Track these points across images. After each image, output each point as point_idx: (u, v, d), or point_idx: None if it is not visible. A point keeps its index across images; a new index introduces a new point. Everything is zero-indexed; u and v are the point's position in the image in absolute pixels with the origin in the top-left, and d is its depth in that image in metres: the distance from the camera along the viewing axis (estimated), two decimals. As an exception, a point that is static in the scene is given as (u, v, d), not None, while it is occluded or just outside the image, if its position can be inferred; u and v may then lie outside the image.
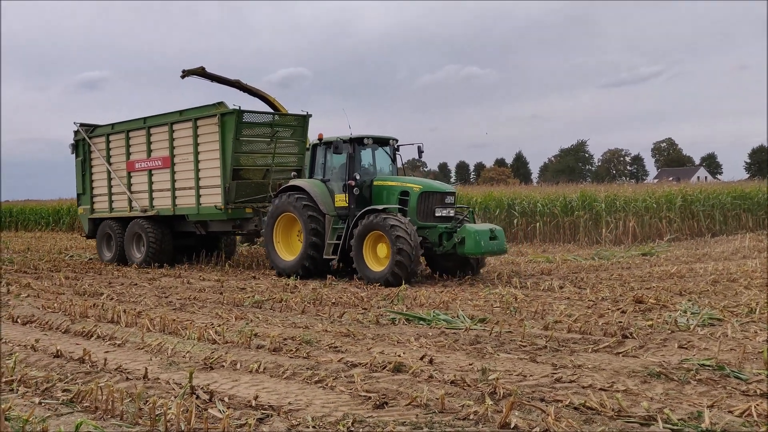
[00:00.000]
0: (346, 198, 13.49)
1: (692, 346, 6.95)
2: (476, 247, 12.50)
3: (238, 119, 15.28)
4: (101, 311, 9.67)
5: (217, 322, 8.75)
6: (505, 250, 13.52)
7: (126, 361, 6.65)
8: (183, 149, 16.45)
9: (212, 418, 4.84)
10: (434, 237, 12.99)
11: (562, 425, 4.51)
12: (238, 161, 15.70)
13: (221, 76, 17.82)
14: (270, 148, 16.20)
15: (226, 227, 16.59)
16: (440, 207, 13.23)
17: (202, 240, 18.06)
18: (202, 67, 17.60)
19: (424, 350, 6.97)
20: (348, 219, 13.43)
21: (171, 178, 16.73)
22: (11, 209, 43.34)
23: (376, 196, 13.60)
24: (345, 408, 5.06)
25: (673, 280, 12.33)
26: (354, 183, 13.41)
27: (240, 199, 15.82)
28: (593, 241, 22.48)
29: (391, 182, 13.61)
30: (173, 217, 17.05)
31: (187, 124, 16.28)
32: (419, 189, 13.17)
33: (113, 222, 18.07)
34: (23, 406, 5.16)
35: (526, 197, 25.12)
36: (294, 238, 14.46)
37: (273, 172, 16.32)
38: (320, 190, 13.77)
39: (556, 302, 10.01)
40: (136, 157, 17.59)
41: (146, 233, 16.88)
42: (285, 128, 16.49)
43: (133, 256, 17.33)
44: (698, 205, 24.53)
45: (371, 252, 12.86)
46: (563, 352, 6.82)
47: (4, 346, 7.49)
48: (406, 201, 13.13)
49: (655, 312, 9.00)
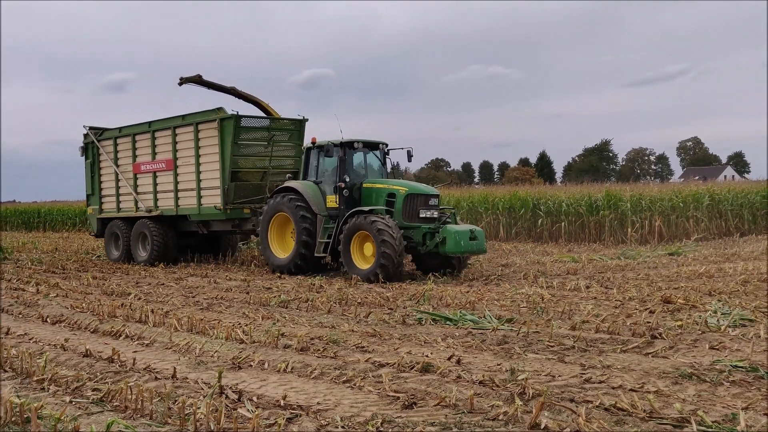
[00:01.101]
0: (337, 199, 14.16)
1: (724, 347, 6.84)
2: (456, 246, 13.13)
3: (236, 124, 16.04)
4: (129, 311, 9.76)
5: (244, 322, 8.79)
6: (485, 249, 14.05)
7: (154, 361, 6.69)
8: (185, 152, 17.18)
9: (241, 417, 4.85)
10: (418, 237, 13.62)
11: (594, 426, 4.46)
12: (237, 164, 16.41)
13: (217, 83, 18.42)
14: (267, 151, 16.93)
15: (226, 227, 17.29)
16: (424, 208, 13.88)
17: (205, 239, 18.80)
18: (199, 75, 18.24)
19: (451, 350, 6.94)
20: (338, 219, 14.08)
21: (174, 179, 17.45)
22: (39, 210, 43.99)
23: (366, 198, 14.30)
24: (374, 408, 5.05)
25: (701, 280, 12.16)
26: (344, 185, 14.13)
27: (238, 200, 16.52)
28: (619, 241, 22.26)
29: (379, 185, 14.32)
30: (177, 217, 17.75)
31: (189, 128, 16.99)
32: (405, 191, 13.84)
33: (120, 222, 18.78)
34: (55, 405, 5.21)
35: (551, 197, 24.94)
36: (288, 237, 15.10)
37: (270, 175, 16.97)
38: (312, 192, 14.48)
39: (582, 302, 9.91)
40: (142, 159, 18.29)
41: (151, 233, 17.57)
42: (282, 132, 17.19)
43: (139, 254, 18.03)
44: (726, 204, 24.21)
45: (358, 250, 13.51)
46: (591, 353, 6.75)
47: (34, 345, 7.59)
48: (393, 202, 13.81)
49: (684, 312, 8.88)
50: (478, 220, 25.52)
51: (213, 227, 17.43)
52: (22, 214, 44.95)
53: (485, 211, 25.75)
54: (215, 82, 18.38)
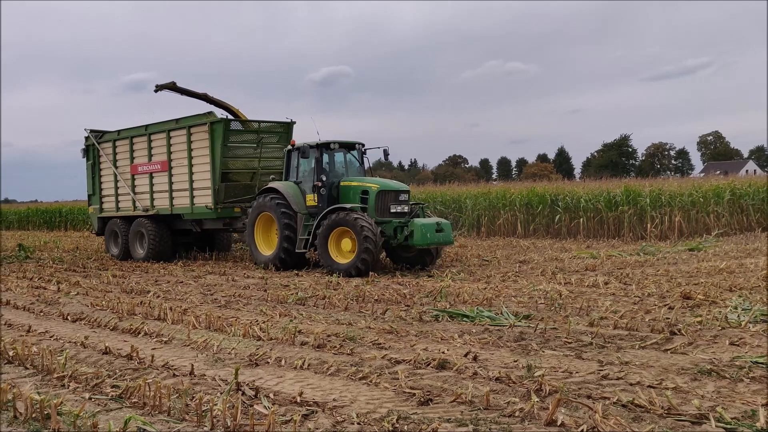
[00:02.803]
0: (315, 198, 14.92)
1: (744, 343, 6.76)
2: (423, 238, 13.78)
3: (226, 127, 16.83)
4: (148, 309, 9.84)
5: (262, 319, 8.83)
6: (452, 241, 14.79)
7: (173, 358, 6.74)
8: (179, 154, 17.92)
9: (258, 414, 4.87)
10: (390, 231, 14.20)
11: (610, 423, 4.43)
12: (227, 165, 17.19)
13: (190, 90, 19.39)
14: (257, 152, 17.67)
15: (217, 225, 17.99)
16: (395, 204, 14.59)
17: (200, 237, 19.56)
18: (174, 82, 19.26)
19: (468, 347, 6.92)
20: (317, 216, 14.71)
21: (169, 180, 18.22)
22: (60, 209, 44.44)
23: (344, 196, 15.00)
24: (389, 405, 5.05)
25: (722, 275, 12.03)
26: (321, 184, 14.93)
27: (229, 200, 17.28)
28: (638, 237, 22.06)
29: (355, 182, 15.03)
30: (172, 216, 18.53)
31: (182, 131, 17.75)
32: (377, 188, 14.56)
33: (119, 220, 19.53)
34: (74, 402, 5.27)
35: (569, 193, 24.76)
36: (273, 235, 15.86)
37: (260, 175, 17.70)
38: (293, 191, 15.25)
39: (601, 298, 9.85)
40: (139, 161, 19.06)
41: (148, 231, 18.36)
42: (271, 135, 17.98)
43: (137, 252, 18.74)
44: (747, 198, 23.91)
45: (335, 245, 14.13)
46: (609, 349, 6.71)
47: (55, 343, 7.67)
48: (367, 199, 14.48)
49: (704, 308, 8.79)
50: (496, 216, 25.43)
51: (206, 225, 18.22)
52: (44, 213, 45.43)
53: (503, 208, 25.64)
54: (188, 89, 19.41)
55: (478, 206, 25.88)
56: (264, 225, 15.87)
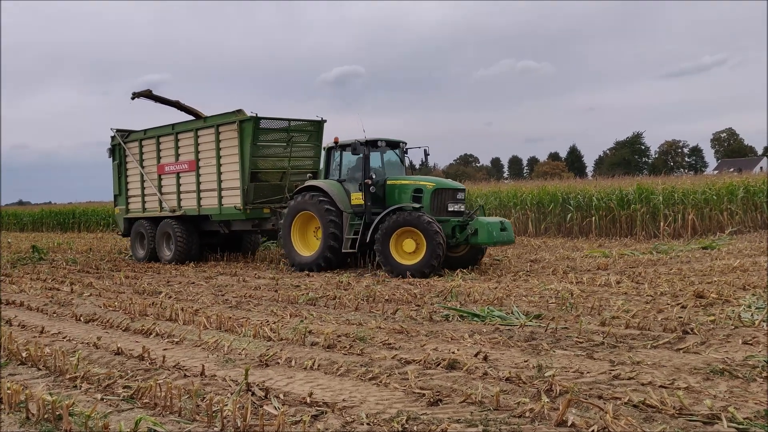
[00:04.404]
0: (363, 196, 14.47)
1: (758, 342, 6.71)
2: (489, 237, 13.64)
3: (255, 125, 16.34)
4: (160, 310, 9.88)
5: (272, 320, 8.84)
6: (513, 240, 14.63)
7: (184, 359, 6.77)
8: (207, 153, 17.57)
9: (267, 414, 4.88)
10: (448, 230, 13.93)
11: (621, 423, 4.40)
12: (256, 165, 16.79)
13: (164, 97, 19.76)
14: (286, 152, 17.27)
15: (246, 226, 17.64)
16: (452, 202, 14.34)
17: (227, 238, 19.19)
18: (149, 90, 19.67)
19: (478, 347, 6.91)
20: (364, 215, 14.38)
21: (196, 180, 17.86)
22: (74, 211, 44.75)
23: (389, 195, 14.69)
24: (399, 405, 5.04)
25: (735, 274, 11.94)
26: (371, 182, 14.48)
27: (258, 200, 16.89)
28: (651, 235, 21.94)
29: (405, 181, 14.68)
30: (199, 217, 18.15)
31: (210, 130, 17.40)
32: (433, 186, 14.24)
33: (146, 221, 19.17)
34: (86, 402, 5.30)
35: (581, 191, 24.66)
36: (310, 235, 15.38)
37: (290, 175, 17.34)
38: (337, 190, 14.79)
39: (613, 297, 9.80)
40: (166, 160, 18.73)
41: (175, 232, 18.02)
42: (301, 133, 17.48)
43: (164, 254, 18.45)
44: (762, 196, 23.72)
45: (396, 246, 13.69)
46: (621, 349, 6.67)
47: (68, 344, 7.72)
48: (420, 198, 14.16)
49: (717, 307, 8.73)
50: (507, 215, 25.34)
51: (234, 227, 17.85)
52: (58, 215, 45.77)
53: (514, 207, 25.57)
54: (163, 97, 19.71)
55: (488, 205, 25.81)
56: (301, 225, 15.34)
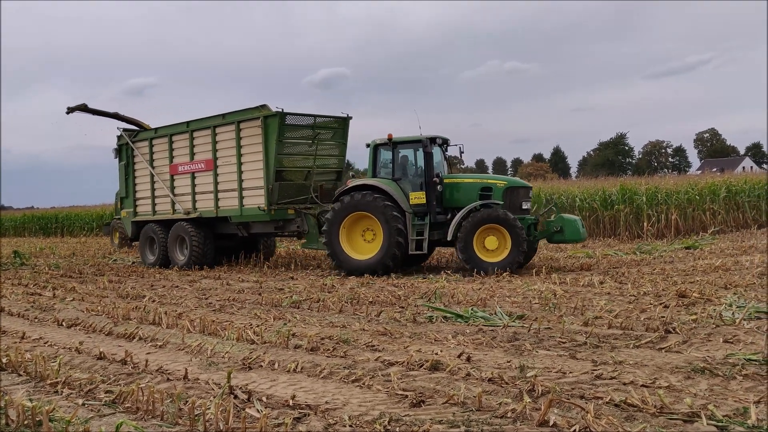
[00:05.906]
0: (426, 195, 14.08)
1: (738, 341, 6.77)
2: (576, 234, 13.91)
3: (281, 122, 15.62)
4: (143, 313, 9.81)
5: (256, 323, 8.81)
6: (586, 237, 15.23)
7: (167, 362, 6.73)
8: (226, 152, 16.78)
9: (250, 417, 4.86)
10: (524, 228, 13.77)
11: (602, 422, 4.43)
12: (281, 163, 16.01)
13: (101, 110, 19.63)
14: (312, 149, 16.53)
15: (268, 228, 16.85)
16: (525, 200, 14.33)
17: (242, 241, 18.31)
18: (84, 104, 19.47)
19: (461, 348, 6.92)
20: (429, 215, 14.08)
21: (214, 180, 17.02)
22: (57, 215, 44.44)
23: (449, 193, 14.41)
24: (382, 407, 5.04)
25: (717, 273, 12.05)
26: (438, 180, 14.17)
27: (282, 201, 16.08)
28: (634, 235, 22.11)
29: (468, 179, 14.63)
30: (216, 219, 17.30)
31: (230, 127, 16.62)
32: (504, 185, 14.22)
33: (156, 225, 18.31)
34: (67, 408, 5.25)
35: (564, 192, 24.81)
36: (358, 237, 14.60)
37: (314, 174, 16.66)
38: (395, 189, 14.22)
39: (596, 298, 9.85)
40: (179, 160, 17.90)
41: (189, 236, 17.16)
42: (326, 130, 16.79)
43: (177, 258, 17.58)
44: (743, 196, 23.99)
45: (479, 243, 13.59)
46: (604, 348, 6.71)
47: (49, 349, 7.65)
48: (488, 196, 13.99)
49: (699, 306, 8.80)
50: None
51: (254, 229, 17.04)
52: (40, 219, 45.48)
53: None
54: (100, 109, 19.61)
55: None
56: (350, 227, 14.55)
